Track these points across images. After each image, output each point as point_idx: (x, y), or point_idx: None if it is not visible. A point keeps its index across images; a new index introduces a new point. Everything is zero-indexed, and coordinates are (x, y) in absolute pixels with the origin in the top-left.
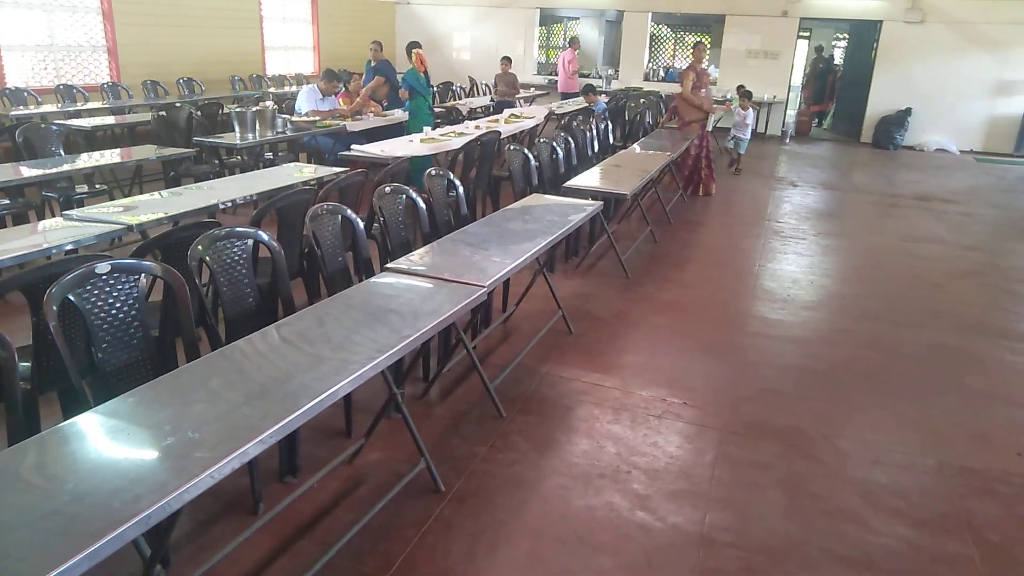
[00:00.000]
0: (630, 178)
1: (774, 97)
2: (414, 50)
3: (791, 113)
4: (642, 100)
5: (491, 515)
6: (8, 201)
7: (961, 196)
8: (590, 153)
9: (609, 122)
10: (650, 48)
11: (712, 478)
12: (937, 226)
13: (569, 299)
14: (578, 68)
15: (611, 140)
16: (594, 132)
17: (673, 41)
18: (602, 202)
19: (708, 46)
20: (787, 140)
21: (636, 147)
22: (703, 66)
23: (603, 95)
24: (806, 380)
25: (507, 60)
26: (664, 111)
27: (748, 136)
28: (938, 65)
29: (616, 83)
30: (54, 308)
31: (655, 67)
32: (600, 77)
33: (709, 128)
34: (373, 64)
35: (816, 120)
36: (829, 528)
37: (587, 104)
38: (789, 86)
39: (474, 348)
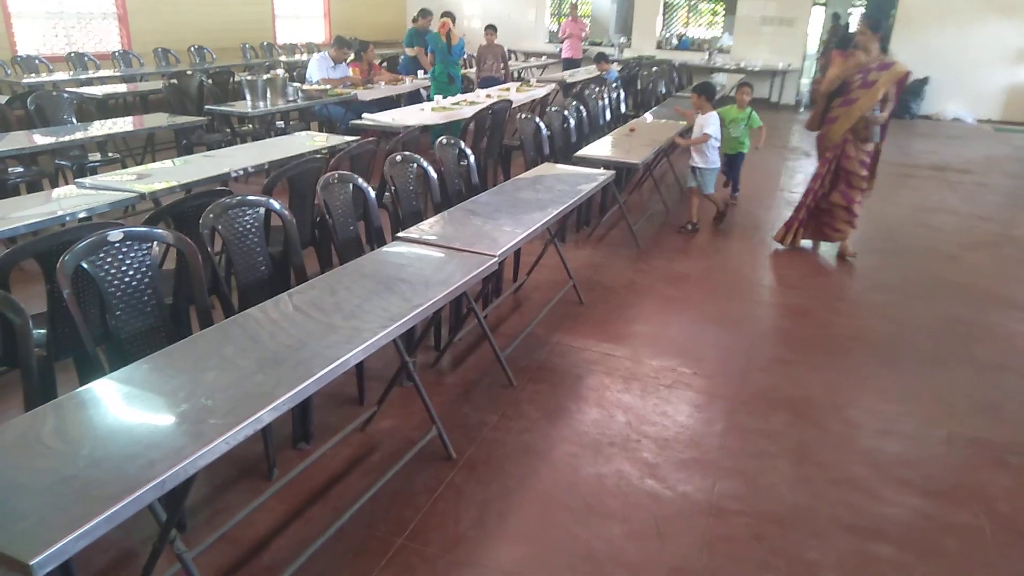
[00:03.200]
0: (642, 148)
1: (788, 65)
2: (442, 18)
3: (805, 82)
4: (655, 69)
5: (501, 482)
6: (22, 169)
7: (977, 166)
8: (602, 122)
9: (621, 91)
10: (663, 16)
11: (721, 447)
12: (951, 196)
13: (580, 269)
14: (568, 34)
15: (623, 109)
16: (606, 101)
17: (687, 8)
18: (614, 172)
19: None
20: (801, 109)
21: (648, 116)
22: (869, 60)
23: (615, 63)
24: (816, 351)
25: (492, 29)
26: (678, 80)
27: (714, 165)
28: (957, 33)
29: (628, 52)
30: (67, 275)
31: (668, 35)
32: (612, 45)
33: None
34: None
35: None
36: (838, 497)
37: (599, 72)
38: (804, 54)
39: (485, 318)
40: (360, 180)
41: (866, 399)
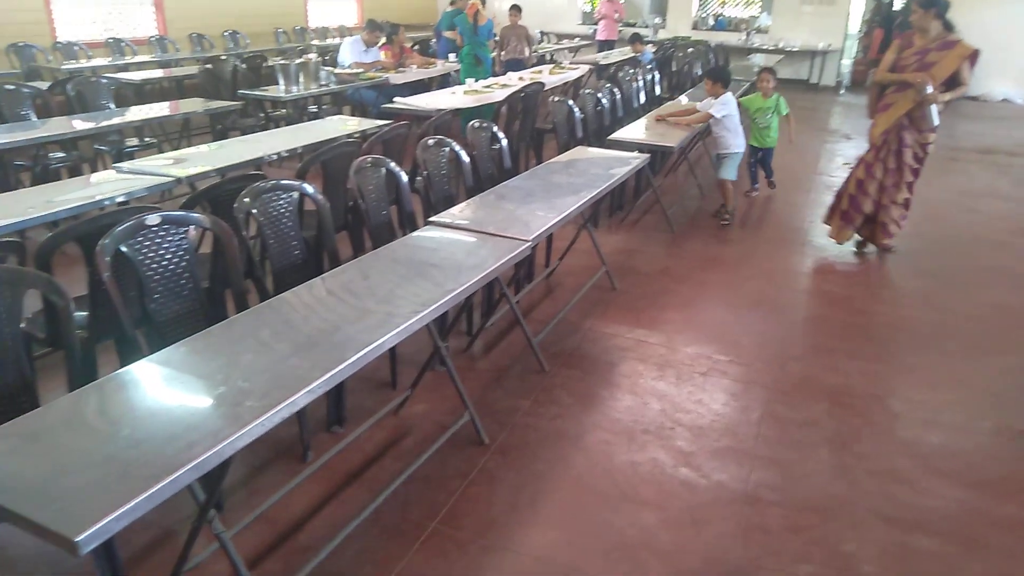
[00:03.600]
0: (677, 131)
1: (829, 45)
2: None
3: (846, 63)
4: (690, 50)
5: (533, 468)
6: (63, 154)
7: None
8: (636, 104)
9: (656, 72)
10: None
11: (758, 436)
12: (1000, 181)
13: (613, 254)
14: (603, 15)
15: (658, 91)
16: (640, 83)
17: None
18: (648, 155)
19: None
20: (841, 91)
21: (683, 98)
22: (929, 42)
23: (650, 45)
24: (856, 338)
25: (516, 9)
26: (715, 61)
27: (738, 148)
28: (1007, 10)
29: (663, 32)
30: (107, 259)
31: (704, 15)
32: (647, 26)
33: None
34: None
35: (874, 70)
36: (878, 488)
37: (633, 54)
38: (846, 34)
39: (517, 303)
40: (393, 164)
41: (908, 388)
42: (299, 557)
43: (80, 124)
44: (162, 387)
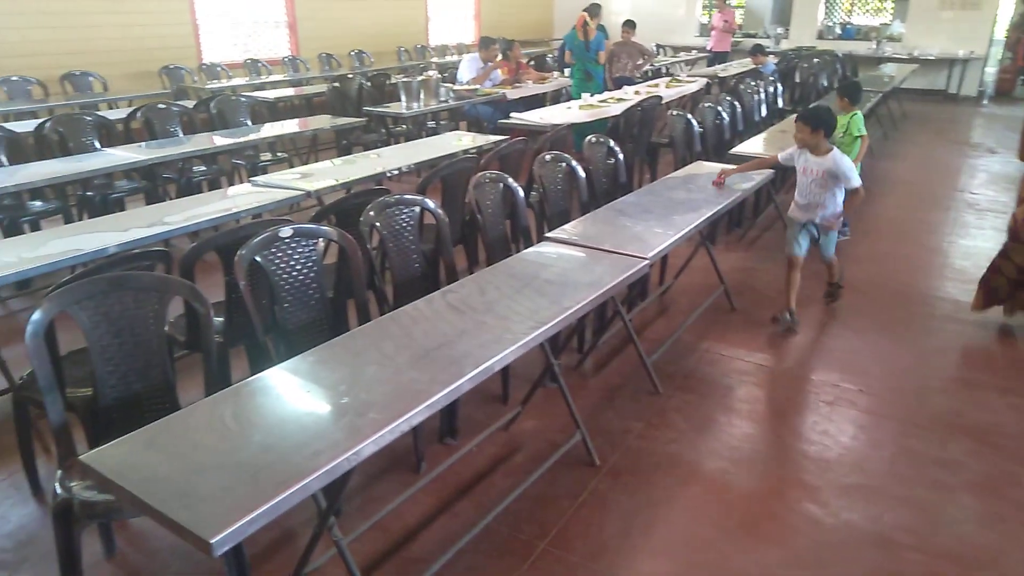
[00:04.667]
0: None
1: (971, 53)
2: (583, 12)
3: (990, 71)
4: (815, 60)
5: (647, 493)
6: (204, 168)
7: None
8: (757, 118)
9: (778, 84)
10: (825, 2)
11: (891, 474)
12: None
13: (731, 273)
14: (712, 26)
15: (780, 104)
16: (762, 95)
17: None
18: (772, 170)
19: None
20: (984, 101)
21: None
22: None
23: (772, 56)
24: (1009, 372)
25: (629, 25)
26: (842, 71)
27: (836, 209)
28: None
29: (786, 43)
30: (244, 269)
31: (831, 24)
32: (768, 37)
33: None
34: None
35: (1022, 78)
36: None
37: (754, 65)
38: (991, 40)
39: (630, 320)
40: (511, 180)
41: None
42: (411, 567)
43: (220, 140)
44: (291, 395)
